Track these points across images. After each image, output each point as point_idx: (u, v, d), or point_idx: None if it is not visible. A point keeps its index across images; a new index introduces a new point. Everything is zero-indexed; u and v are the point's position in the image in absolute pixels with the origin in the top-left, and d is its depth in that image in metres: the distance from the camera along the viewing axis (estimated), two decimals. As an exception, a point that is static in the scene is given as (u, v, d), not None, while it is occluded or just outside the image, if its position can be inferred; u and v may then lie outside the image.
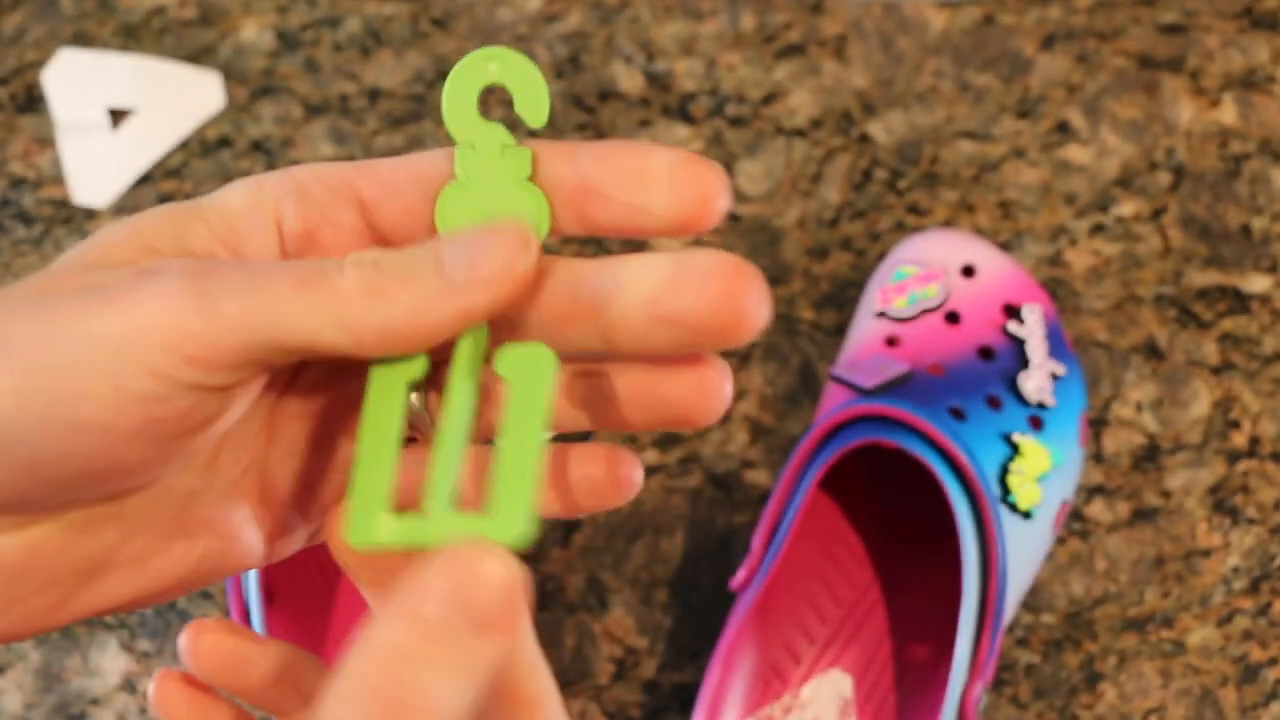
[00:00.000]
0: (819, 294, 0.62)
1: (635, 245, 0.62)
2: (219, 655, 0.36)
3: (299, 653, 0.36)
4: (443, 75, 0.66)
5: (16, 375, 0.28)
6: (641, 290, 0.30)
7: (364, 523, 0.30)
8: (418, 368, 0.31)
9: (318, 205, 0.32)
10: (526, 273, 0.30)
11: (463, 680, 0.26)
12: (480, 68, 0.32)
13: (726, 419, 0.60)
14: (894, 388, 0.53)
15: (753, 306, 0.29)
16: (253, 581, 0.50)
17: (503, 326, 0.32)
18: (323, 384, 0.34)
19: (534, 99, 0.32)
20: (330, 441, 0.34)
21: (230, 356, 0.29)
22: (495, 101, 0.66)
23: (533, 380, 0.30)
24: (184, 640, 0.36)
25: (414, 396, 0.32)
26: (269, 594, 0.52)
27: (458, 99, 0.32)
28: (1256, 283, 0.62)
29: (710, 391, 0.31)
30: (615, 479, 0.32)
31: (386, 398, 0.31)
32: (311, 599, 0.55)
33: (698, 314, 0.29)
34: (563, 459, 0.32)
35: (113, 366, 0.28)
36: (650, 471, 0.59)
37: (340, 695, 0.26)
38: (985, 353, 0.55)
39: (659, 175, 0.30)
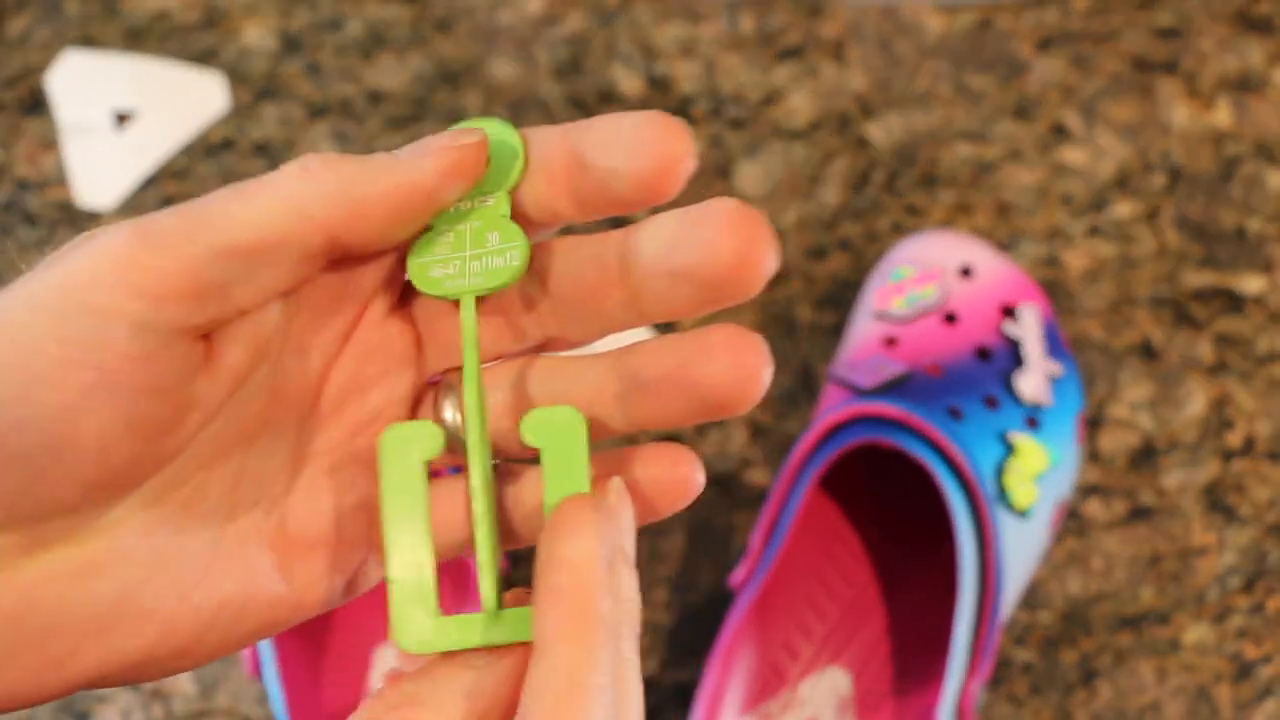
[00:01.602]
0: (817, 294, 0.63)
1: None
2: None
3: None
4: (444, 77, 0.67)
5: None
6: (654, 248, 0.29)
7: (412, 626, 0.29)
8: (432, 445, 0.30)
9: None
10: (472, 145, 0.29)
11: None
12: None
13: (725, 419, 0.60)
14: (892, 388, 0.53)
15: (759, 251, 0.28)
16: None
17: (540, 303, 0.31)
18: (346, 420, 0.32)
19: (505, 164, 0.31)
20: (358, 481, 0.32)
21: (177, 279, 0.27)
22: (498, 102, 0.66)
23: (567, 448, 0.29)
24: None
25: (449, 414, 0.31)
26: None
27: None
28: (1251, 283, 0.63)
29: (748, 374, 0.29)
30: (677, 479, 0.31)
31: (406, 483, 0.30)
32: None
33: (706, 266, 0.29)
34: (627, 464, 0.31)
35: (57, 314, 0.27)
36: (650, 471, 0.59)
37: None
38: (982, 353, 0.55)
39: (626, 138, 0.29)
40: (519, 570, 0.58)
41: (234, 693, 0.56)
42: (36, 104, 0.66)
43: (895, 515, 0.57)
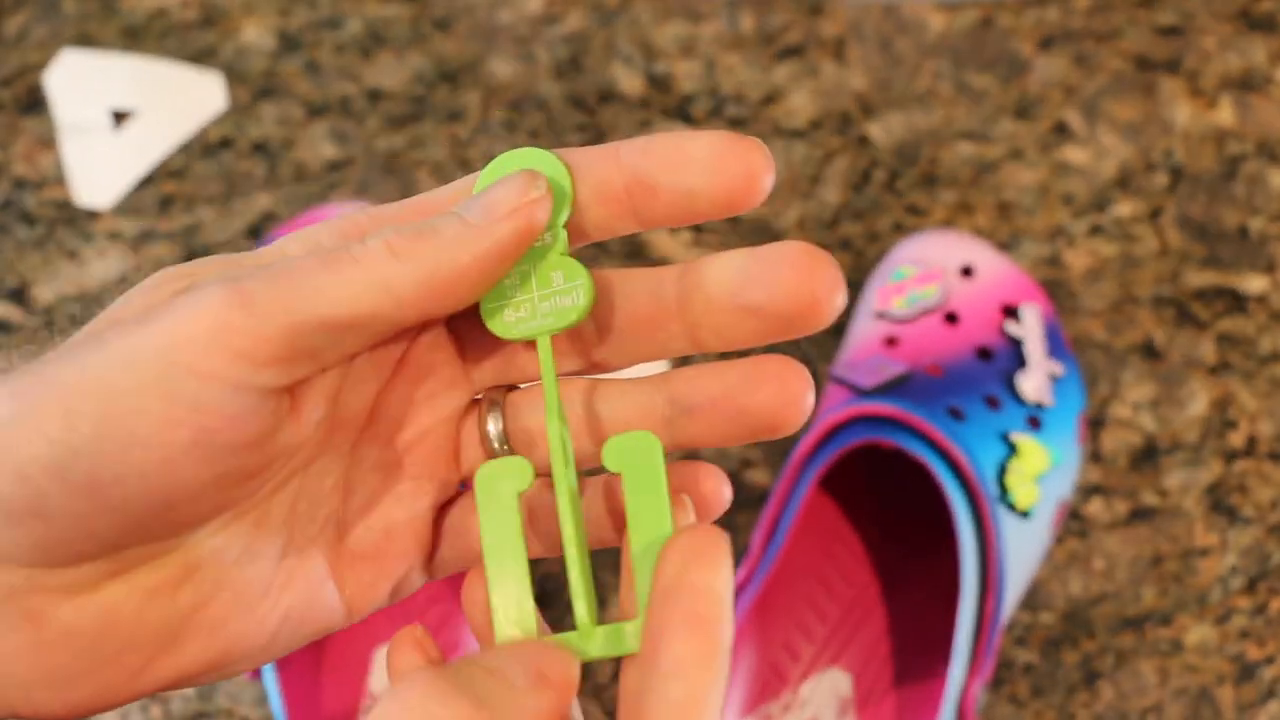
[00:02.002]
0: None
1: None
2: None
3: None
4: (444, 76, 0.67)
5: (66, 401, 0.28)
6: (722, 285, 0.31)
7: None
8: (523, 479, 0.32)
9: None
10: (541, 199, 0.31)
11: None
12: (514, 163, 0.33)
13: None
14: (893, 388, 0.53)
15: (828, 290, 0.30)
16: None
17: (591, 337, 0.33)
18: (397, 439, 0.33)
19: (558, 201, 0.32)
20: (406, 496, 0.34)
21: (275, 346, 0.29)
22: (495, 102, 0.66)
23: (647, 472, 0.31)
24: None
25: (492, 427, 0.33)
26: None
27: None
28: (1254, 283, 0.62)
29: (792, 399, 0.31)
30: (703, 496, 0.33)
31: (502, 517, 0.32)
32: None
33: (777, 302, 0.30)
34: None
35: (159, 376, 0.28)
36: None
37: None
38: (984, 353, 0.55)
39: (702, 158, 0.31)
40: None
41: (232, 694, 0.56)
42: (34, 103, 0.66)
43: (896, 516, 0.57)
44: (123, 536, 0.29)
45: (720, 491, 0.33)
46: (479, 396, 0.34)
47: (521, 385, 0.34)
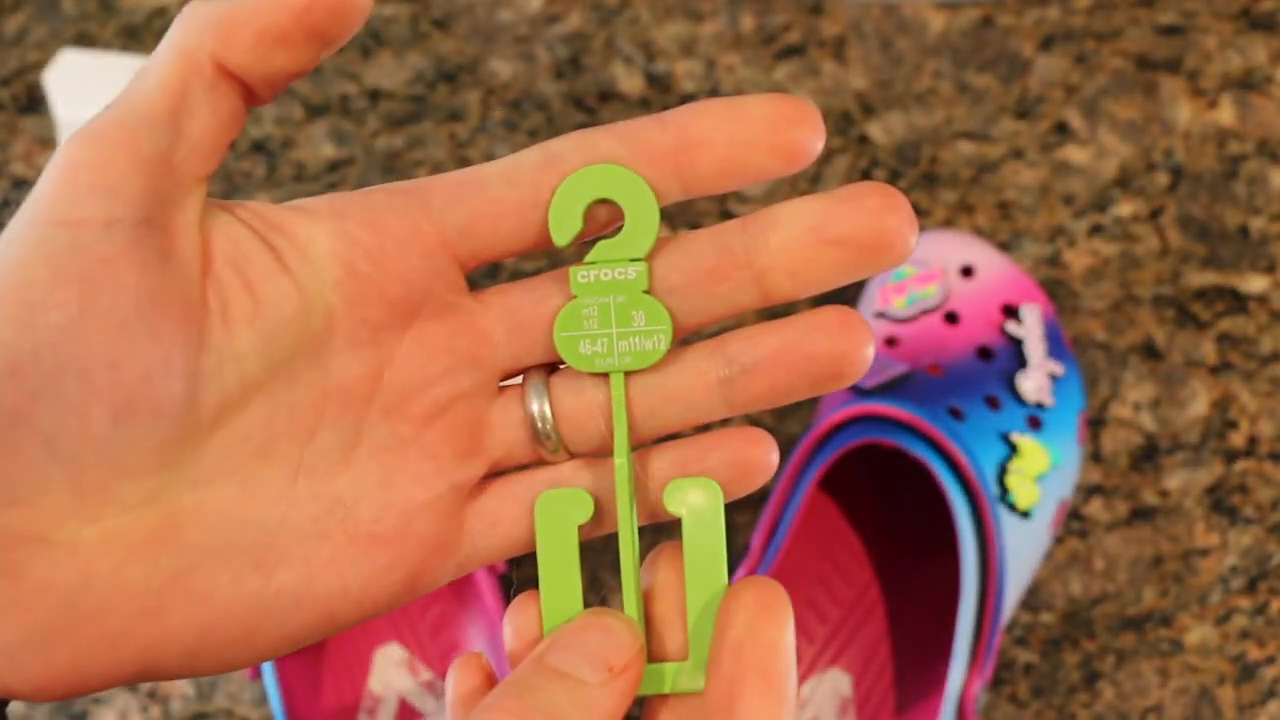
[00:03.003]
0: (818, 294, 0.62)
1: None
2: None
3: None
4: (443, 75, 0.67)
5: None
6: (802, 221, 0.32)
7: None
8: (583, 512, 0.33)
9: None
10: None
11: None
12: (591, 180, 0.32)
13: (726, 419, 0.60)
14: (893, 388, 0.53)
15: (908, 222, 0.31)
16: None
17: (655, 296, 0.33)
18: (411, 415, 0.33)
19: (643, 225, 0.32)
20: (427, 476, 0.33)
21: (122, 170, 0.30)
22: (495, 100, 0.66)
23: (708, 518, 0.32)
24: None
25: (534, 406, 0.33)
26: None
27: (564, 209, 0.32)
28: (1254, 283, 0.62)
29: (856, 344, 0.32)
30: (749, 461, 0.33)
31: (560, 548, 0.33)
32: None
33: (863, 231, 0.31)
34: (703, 450, 0.33)
35: (40, 239, 0.29)
36: (650, 471, 0.59)
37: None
38: (984, 353, 0.55)
39: (757, 117, 0.31)
40: (521, 570, 0.58)
41: (232, 694, 0.56)
42: (33, 103, 0.66)
43: (896, 516, 0.56)
44: (76, 444, 0.28)
45: (769, 458, 0.33)
46: (508, 381, 0.34)
47: (560, 365, 0.34)
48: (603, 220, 0.32)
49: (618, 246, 0.32)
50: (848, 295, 0.62)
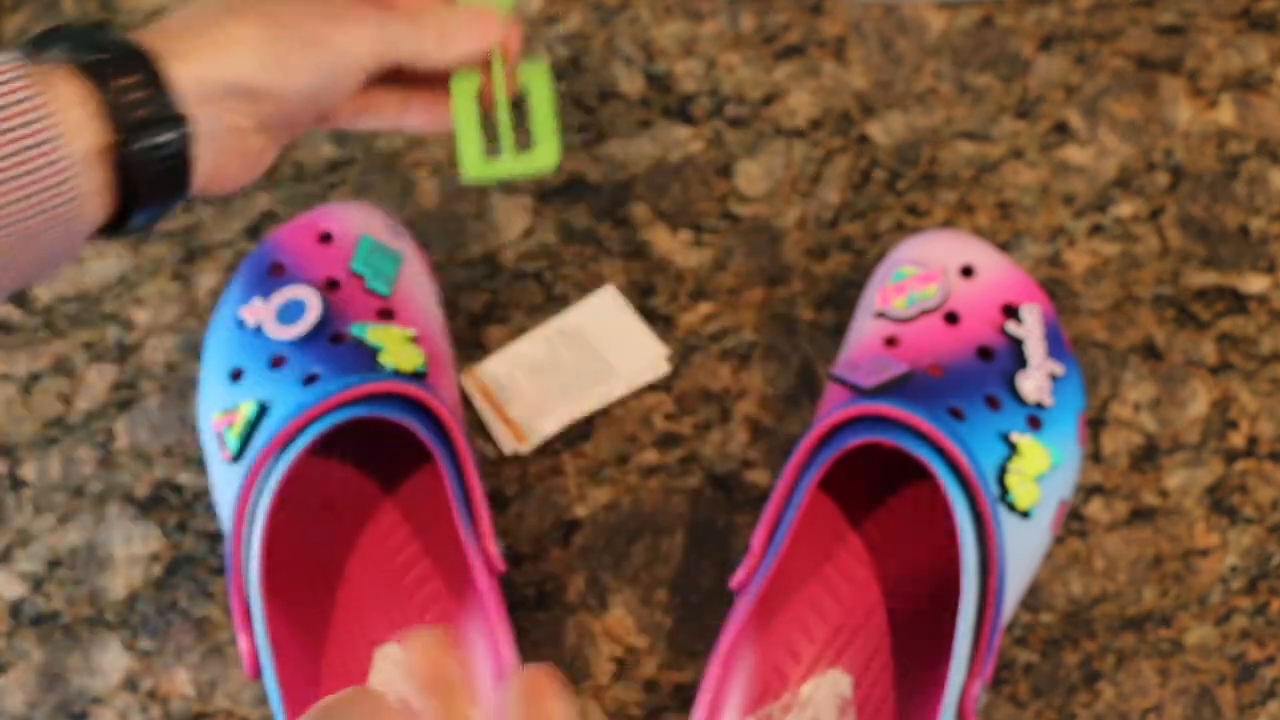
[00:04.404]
0: (818, 294, 0.63)
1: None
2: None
3: None
4: (443, 76, 0.66)
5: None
6: None
7: (473, 165, 0.53)
8: (477, 84, 0.52)
9: None
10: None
11: None
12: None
13: (727, 419, 0.60)
14: (893, 388, 0.53)
15: None
16: (254, 581, 0.50)
17: None
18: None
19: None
20: None
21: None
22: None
23: (537, 76, 0.53)
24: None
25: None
26: (270, 594, 0.52)
27: None
28: (1254, 283, 0.62)
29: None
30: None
31: (465, 99, 0.52)
32: (311, 599, 0.55)
33: None
34: None
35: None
36: (650, 471, 0.59)
37: None
38: (984, 353, 0.55)
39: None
40: (520, 570, 0.58)
41: (232, 694, 0.56)
42: (34, 102, 0.66)
43: (896, 516, 0.56)
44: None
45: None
46: None
47: None
48: None
49: None
50: (848, 296, 0.62)
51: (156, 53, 0.43)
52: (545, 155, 0.53)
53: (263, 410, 0.53)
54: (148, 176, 0.42)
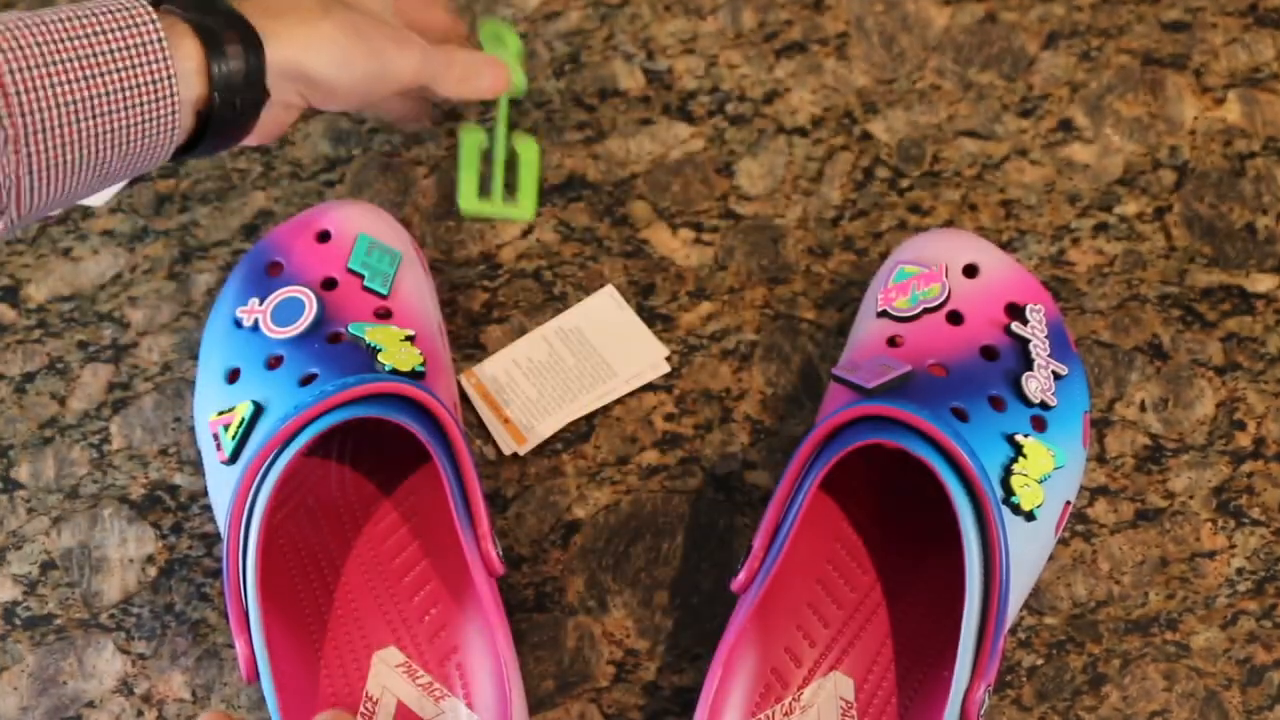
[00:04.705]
0: (820, 293, 0.62)
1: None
2: None
3: None
4: (442, 73, 0.66)
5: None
6: None
7: (468, 200, 0.62)
8: (480, 137, 0.63)
9: None
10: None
11: None
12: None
13: (728, 419, 0.60)
14: (896, 388, 0.53)
15: None
16: (250, 583, 0.50)
17: None
18: None
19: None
20: None
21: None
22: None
23: (529, 149, 0.64)
24: None
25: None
26: (267, 596, 0.52)
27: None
28: (1261, 282, 0.62)
29: None
30: None
31: (471, 149, 0.63)
32: (308, 602, 0.55)
33: None
34: None
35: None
36: (651, 472, 0.59)
37: None
38: (988, 353, 0.55)
39: None
40: (520, 571, 0.57)
41: (228, 698, 0.55)
42: (29, 100, 0.65)
43: (899, 517, 0.56)
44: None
45: None
46: None
47: None
48: None
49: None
50: (849, 296, 0.62)
51: (261, 32, 0.51)
52: (525, 210, 0.64)
53: (259, 410, 0.53)
54: (220, 127, 0.51)
